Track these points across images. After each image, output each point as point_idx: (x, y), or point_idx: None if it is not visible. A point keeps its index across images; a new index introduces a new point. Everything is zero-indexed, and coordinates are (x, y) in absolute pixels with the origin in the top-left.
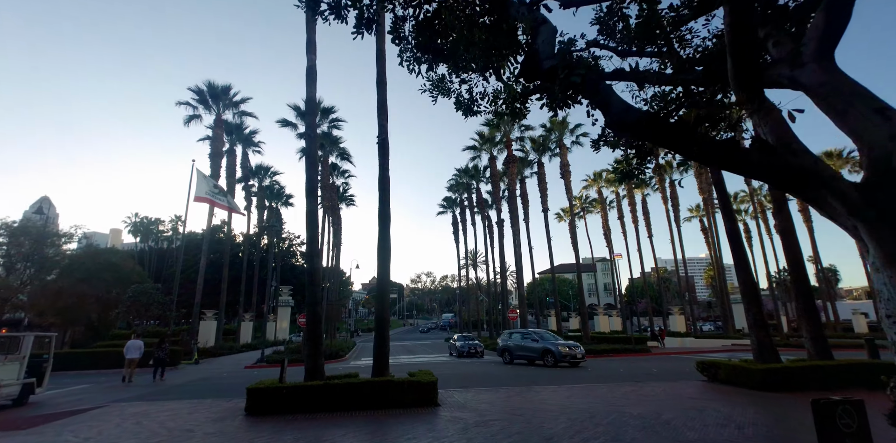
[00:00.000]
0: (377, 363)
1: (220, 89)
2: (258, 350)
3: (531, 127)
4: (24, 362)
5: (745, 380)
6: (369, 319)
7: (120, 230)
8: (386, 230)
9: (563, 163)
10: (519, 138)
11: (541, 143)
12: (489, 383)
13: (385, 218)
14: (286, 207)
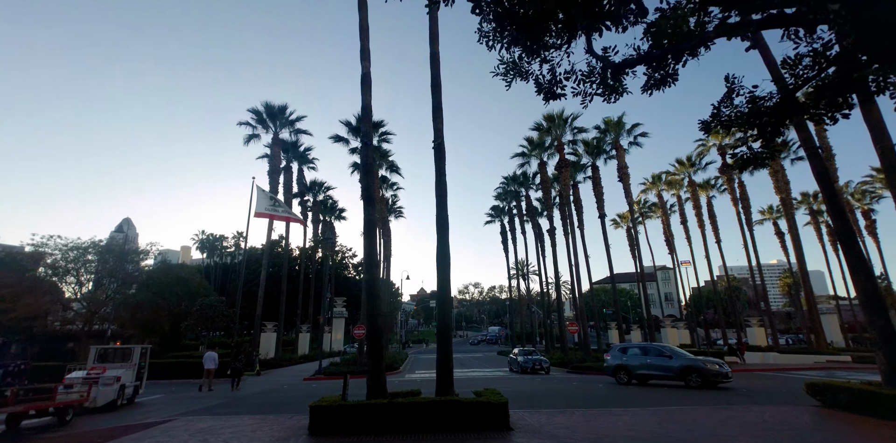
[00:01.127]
0: (441, 381)
1: (276, 109)
2: (315, 361)
3: (584, 129)
4: (135, 368)
5: (875, 408)
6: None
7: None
8: (444, 238)
9: (621, 165)
10: (571, 142)
11: (595, 145)
12: (560, 403)
13: (443, 225)
14: (339, 220)
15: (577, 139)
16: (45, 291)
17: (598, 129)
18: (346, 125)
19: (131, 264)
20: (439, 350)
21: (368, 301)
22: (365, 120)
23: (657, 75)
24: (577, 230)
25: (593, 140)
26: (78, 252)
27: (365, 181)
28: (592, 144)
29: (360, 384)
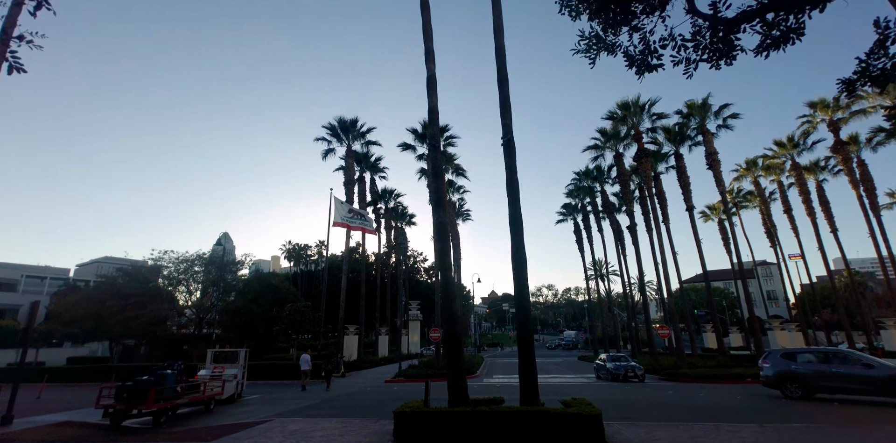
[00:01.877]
0: (525, 389)
1: (348, 123)
2: (395, 363)
3: (664, 115)
4: (241, 369)
5: None
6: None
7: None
8: (519, 238)
9: (709, 151)
10: (650, 130)
11: (677, 132)
12: (659, 415)
13: (517, 225)
14: (409, 226)
15: (657, 126)
16: (164, 300)
17: (679, 114)
18: (412, 132)
19: (230, 274)
20: (521, 356)
21: (444, 305)
22: (432, 123)
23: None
24: (661, 225)
25: (675, 126)
26: (187, 264)
27: (434, 184)
28: (674, 130)
29: (440, 388)
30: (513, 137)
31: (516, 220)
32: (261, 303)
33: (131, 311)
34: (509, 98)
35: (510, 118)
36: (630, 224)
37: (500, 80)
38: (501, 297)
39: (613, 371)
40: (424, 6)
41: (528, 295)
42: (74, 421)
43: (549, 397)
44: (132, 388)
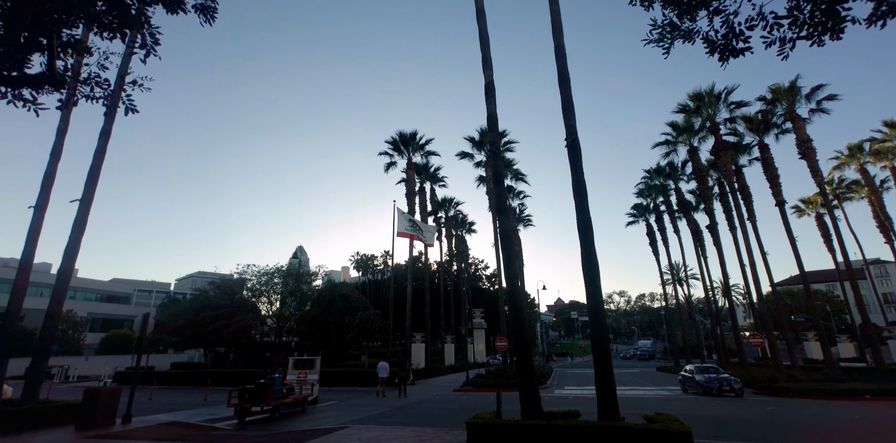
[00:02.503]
0: (603, 402)
1: (408, 136)
2: (461, 372)
3: (744, 103)
4: (318, 374)
5: None
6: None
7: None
8: (589, 243)
9: (801, 139)
10: (728, 120)
11: (760, 120)
12: (757, 435)
13: (586, 228)
14: (469, 233)
15: (736, 116)
16: (248, 310)
17: (762, 100)
18: (469, 141)
19: (305, 285)
20: (597, 366)
21: (511, 314)
22: (491, 130)
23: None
24: (746, 223)
25: (757, 114)
26: (268, 277)
27: (496, 191)
28: (757, 119)
29: (509, 398)
30: (577, 137)
31: (585, 224)
32: (333, 312)
33: (221, 321)
34: (571, 98)
35: (573, 119)
36: (710, 223)
37: (561, 80)
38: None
39: (705, 384)
40: (480, 14)
41: (602, 302)
42: (180, 421)
43: (628, 411)
44: (253, 390)
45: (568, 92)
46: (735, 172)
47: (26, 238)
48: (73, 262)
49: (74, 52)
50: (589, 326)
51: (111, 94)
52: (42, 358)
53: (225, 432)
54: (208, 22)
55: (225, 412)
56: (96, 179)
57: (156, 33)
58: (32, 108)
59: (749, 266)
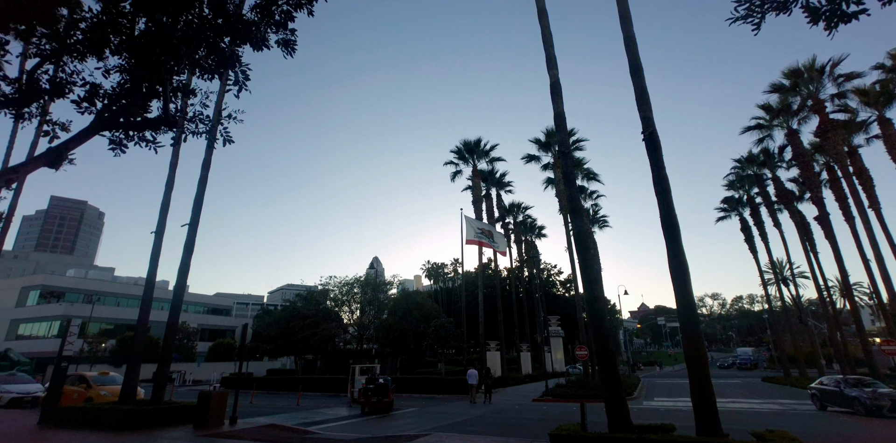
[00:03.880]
0: (702, 415)
1: (472, 144)
2: (539, 381)
3: (856, 74)
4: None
5: None
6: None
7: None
8: (676, 242)
9: None
10: (835, 96)
11: (879, 92)
12: None
13: (672, 227)
14: (539, 238)
15: (846, 90)
16: (332, 319)
17: (881, 68)
18: (535, 143)
19: (382, 294)
20: (692, 376)
21: (592, 321)
22: (559, 130)
23: None
24: (867, 211)
25: (874, 85)
26: (348, 287)
27: (567, 192)
28: (874, 91)
29: (593, 410)
30: (655, 130)
31: (671, 222)
32: (409, 320)
33: (308, 330)
34: (646, 88)
35: (650, 110)
36: (819, 214)
37: (633, 70)
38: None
39: (867, 401)
40: (542, 13)
41: (694, 306)
42: (277, 424)
43: (732, 427)
44: (374, 389)
45: (641, 82)
46: (848, 153)
47: (150, 260)
48: (185, 279)
49: (182, 95)
50: (679, 333)
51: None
52: (165, 364)
53: (317, 435)
54: (290, 54)
55: (315, 417)
56: (200, 206)
57: (246, 70)
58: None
59: (875, 261)
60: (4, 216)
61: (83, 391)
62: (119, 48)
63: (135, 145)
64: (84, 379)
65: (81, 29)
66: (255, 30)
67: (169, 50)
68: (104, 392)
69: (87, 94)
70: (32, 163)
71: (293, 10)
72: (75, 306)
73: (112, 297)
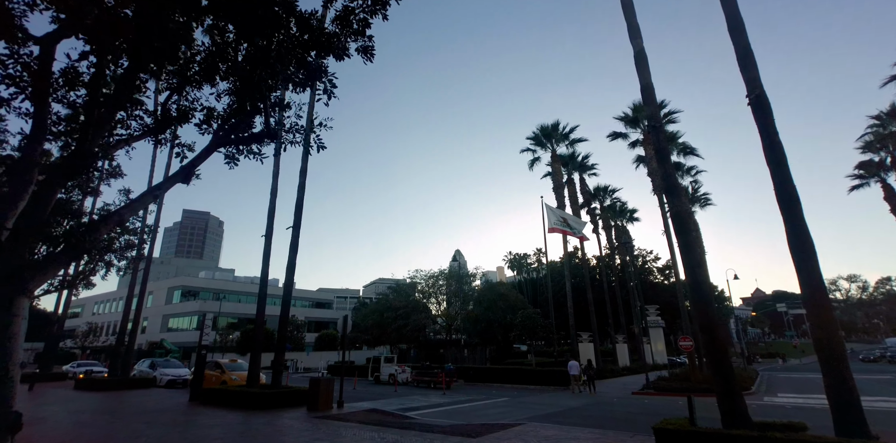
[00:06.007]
0: (842, 414)
1: (550, 128)
2: (638, 374)
3: None
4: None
5: None
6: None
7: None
8: (796, 218)
9: None
10: None
11: None
12: None
13: (790, 200)
14: (630, 222)
15: None
16: (421, 310)
17: None
18: (621, 119)
19: (466, 286)
20: (826, 370)
21: (697, 309)
22: (647, 103)
23: None
24: None
25: None
26: (433, 280)
27: (661, 170)
28: None
29: (701, 405)
30: (763, 92)
31: (789, 196)
32: (494, 311)
33: (401, 321)
34: (749, 47)
35: (756, 70)
36: None
37: (733, 27)
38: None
39: None
40: None
41: (825, 290)
42: (378, 409)
43: (883, 429)
44: (450, 371)
45: (743, 40)
46: None
47: (262, 260)
48: (292, 276)
49: (279, 109)
50: (806, 321)
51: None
52: (280, 353)
53: (415, 420)
54: (369, 60)
55: (412, 403)
56: (301, 209)
57: (333, 80)
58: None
59: None
60: (153, 228)
61: (219, 376)
62: (227, 73)
63: (244, 158)
64: (219, 365)
65: (197, 61)
66: (335, 41)
67: (267, 69)
68: (234, 377)
69: (205, 117)
70: (170, 180)
71: (369, 16)
72: (207, 303)
73: (234, 294)
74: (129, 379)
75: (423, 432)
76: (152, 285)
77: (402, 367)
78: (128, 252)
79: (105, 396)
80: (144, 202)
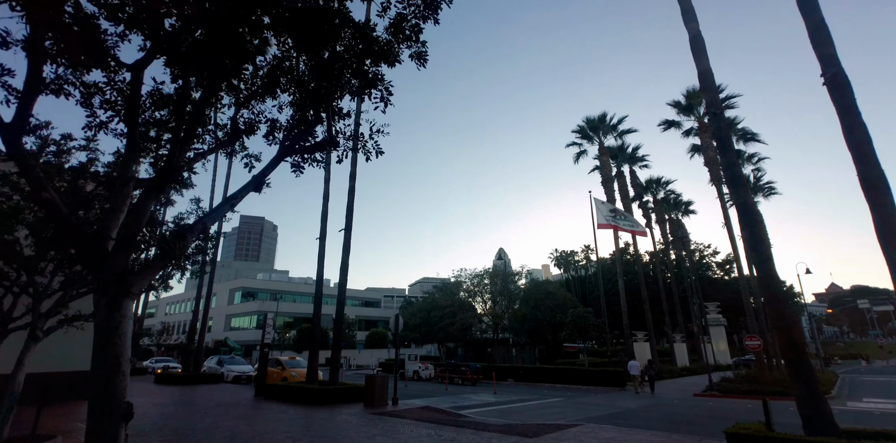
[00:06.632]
0: None
1: (596, 120)
2: (698, 375)
3: None
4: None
5: None
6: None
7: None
8: (884, 203)
9: None
10: None
11: None
12: None
13: (875, 185)
14: (686, 216)
15: None
16: (467, 309)
17: None
18: (674, 106)
19: (512, 284)
20: None
21: (771, 306)
22: (706, 88)
23: None
24: None
25: None
26: (478, 278)
27: (724, 159)
28: None
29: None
30: (841, 70)
31: (875, 179)
32: (542, 310)
33: (447, 319)
34: (824, 22)
35: (831, 46)
36: None
37: (804, 2)
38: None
39: None
40: None
41: None
42: (432, 406)
43: None
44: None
45: (816, 15)
46: None
47: (318, 261)
48: (346, 277)
49: (338, 117)
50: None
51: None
52: (336, 351)
53: (469, 419)
54: (422, 65)
55: (464, 402)
56: (352, 212)
57: (389, 87)
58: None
59: None
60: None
61: (280, 372)
62: (287, 86)
63: (308, 166)
64: (279, 362)
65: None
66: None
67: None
68: (294, 373)
69: (270, 129)
70: (244, 190)
71: (421, 22)
72: (265, 303)
73: (289, 295)
74: (200, 375)
75: (479, 431)
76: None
77: (425, 364)
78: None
79: (181, 389)
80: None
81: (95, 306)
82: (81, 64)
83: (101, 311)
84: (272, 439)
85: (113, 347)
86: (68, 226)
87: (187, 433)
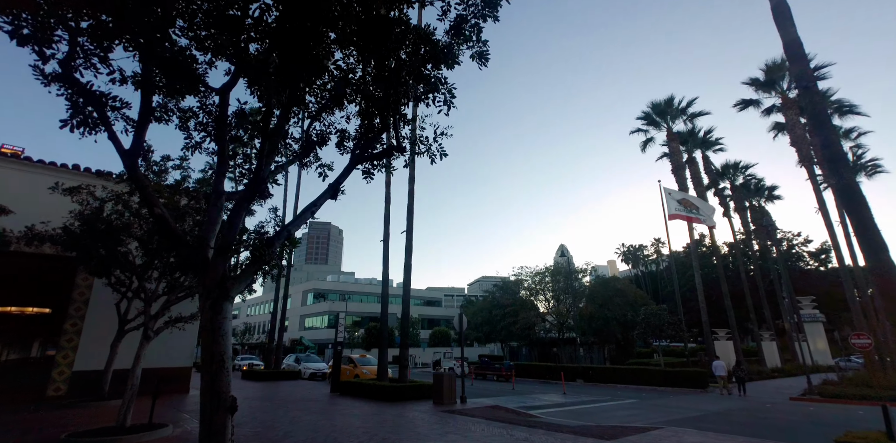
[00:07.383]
0: None
1: (663, 104)
2: (791, 376)
3: None
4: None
5: None
6: None
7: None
8: None
9: None
10: None
11: None
12: None
13: None
14: (770, 202)
15: None
16: (530, 308)
17: None
18: (751, 84)
19: (576, 282)
20: None
21: (888, 299)
22: (794, 59)
23: None
24: None
25: None
26: (540, 276)
27: (820, 135)
28: None
29: None
30: None
31: None
32: (611, 307)
33: (509, 318)
34: None
35: None
36: None
37: None
38: None
39: None
40: None
41: None
42: (500, 406)
43: None
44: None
45: None
46: None
47: (382, 263)
48: (409, 277)
49: (403, 123)
50: None
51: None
52: (404, 349)
53: (540, 419)
54: (483, 64)
55: (533, 402)
56: (412, 214)
57: (452, 90)
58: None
59: None
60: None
61: (352, 369)
62: (354, 96)
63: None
64: (351, 360)
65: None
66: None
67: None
68: (365, 371)
69: (340, 139)
70: (322, 197)
71: (481, 21)
72: (335, 304)
73: (356, 295)
74: (281, 372)
75: (552, 432)
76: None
77: (459, 362)
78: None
79: (264, 385)
80: (305, 218)
81: (200, 310)
82: (177, 92)
83: (205, 313)
84: (351, 433)
85: (217, 345)
86: (176, 238)
87: (275, 426)
